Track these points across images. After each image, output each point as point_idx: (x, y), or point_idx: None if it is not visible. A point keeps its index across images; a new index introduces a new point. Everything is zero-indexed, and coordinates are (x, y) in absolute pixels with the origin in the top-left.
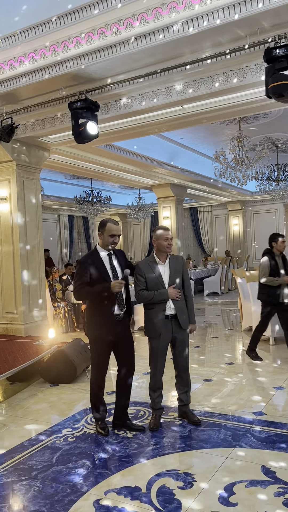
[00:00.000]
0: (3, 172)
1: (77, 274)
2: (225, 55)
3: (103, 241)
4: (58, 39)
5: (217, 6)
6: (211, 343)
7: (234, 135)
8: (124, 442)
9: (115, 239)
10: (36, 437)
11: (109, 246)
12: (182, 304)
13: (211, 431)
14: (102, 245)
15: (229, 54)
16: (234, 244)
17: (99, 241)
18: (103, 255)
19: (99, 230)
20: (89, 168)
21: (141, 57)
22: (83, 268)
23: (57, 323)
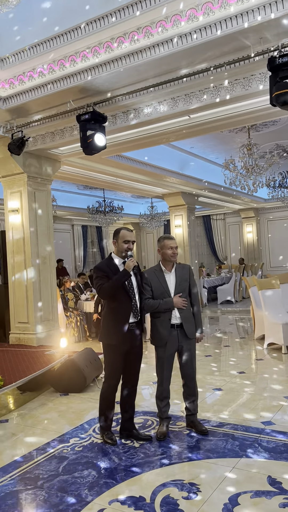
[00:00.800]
0: (14, 184)
1: (97, 277)
2: (230, 64)
3: (118, 248)
4: (66, 53)
5: (220, 17)
6: (223, 351)
7: (244, 143)
8: (130, 452)
9: (129, 245)
10: (44, 447)
11: (124, 252)
12: (188, 313)
13: (218, 441)
14: (117, 252)
15: (234, 63)
16: (248, 252)
17: (114, 249)
18: (118, 262)
19: (113, 238)
20: (100, 178)
21: (146, 69)
22: (101, 271)
23: (70, 332)
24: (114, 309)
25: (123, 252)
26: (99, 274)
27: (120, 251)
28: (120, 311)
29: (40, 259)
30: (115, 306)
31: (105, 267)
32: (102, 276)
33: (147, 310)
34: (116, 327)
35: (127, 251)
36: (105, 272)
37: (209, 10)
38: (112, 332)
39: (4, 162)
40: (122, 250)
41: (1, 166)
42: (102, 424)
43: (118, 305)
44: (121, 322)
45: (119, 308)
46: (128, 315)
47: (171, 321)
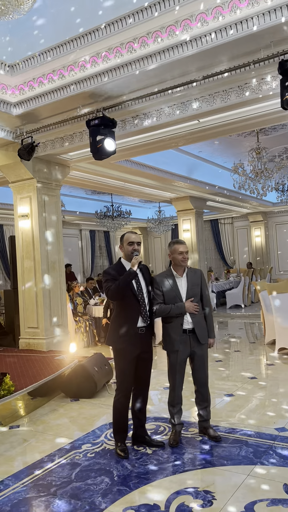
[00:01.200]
0: (24, 190)
1: (106, 280)
2: (240, 68)
3: (124, 252)
4: (75, 59)
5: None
6: (234, 356)
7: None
8: (143, 459)
9: (134, 246)
10: (56, 453)
11: (130, 255)
12: (200, 318)
13: (232, 447)
14: (125, 257)
15: (245, 67)
16: (257, 256)
17: (122, 254)
18: (126, 266)
19: (120, 244)
20: (109, 183)
21: (156, 74)
22: (109, 274)
23: (79, 337)
24: (122, 313)
25: (129, 254)
26: (107, 277)
27: (126, 254)
28: (128, 315)
29: (49, 264)
30: (124, 310)
31: (113, 270)
32: (110, 279)
33: (158, 315)
34: (124, 330)
35: (132, 252)
36: (113, 275)
37: (219, 14)
38: (120, 336)
39: (14, 167)
40: (128, 253)
41: (11, 172)
42: (116, 436)
43: (126, 308)
44: (129, 326)
45: (127, 311)
46: (136, 319)
47: (183, 326)
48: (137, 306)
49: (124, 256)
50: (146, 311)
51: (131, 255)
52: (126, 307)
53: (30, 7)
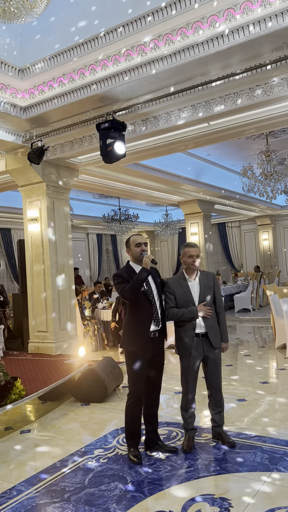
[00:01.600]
0: (33, 193)
1: (118, 283)
2: (251, 70)
3: (132, 255)
4: (86, 62)
5: (241, 24)
6: (244, 361)
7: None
8: (157, 464)
9: (142, 247)
10: (68, 458)
11: (139, 256)
12: (213, 322)
13: (246, 453)
14: (134, 260)
15: (256, 69)
16: (265, 259)
17: (130, 257)
18: (137, 270)
19: (126, 248)
20: (116, 186)
21: (166, 77)
22: (120, 277)
23: (87, 341)
24: (134, 316)
25: (138, 256)
26: (119, 279)
27: (135, 256)
28: (140, 318)
29: (58, 267)
30: (136, 313)
31: (124, 273)
32: (122, 280)
33: (170, 319)
34: (137, 333)
35: (141, 253)
36: (125, 277)
37: (230, 16)
38: (133, 338)
39: (24, 171)
40: (136, 254)
41: (21, 176)
42: (128, 441)
43: (138, 312)
44: (142, 329)
45: (140, 315)
46: (149, 323)
47: (196, 330)
48: (149, 309)
49: (132, 259)
50: (158, 314)
51: (141, 256)
52: (138, 310)
53: (43, 10)
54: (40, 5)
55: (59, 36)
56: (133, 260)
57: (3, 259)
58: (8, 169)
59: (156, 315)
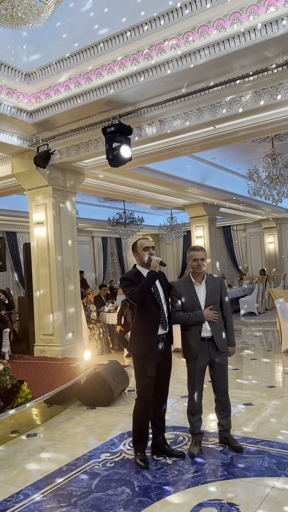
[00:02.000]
0: (39, 197)
1: (126, 286)
2: (257, 74)
3: (140, 259)
4: (92, 67)
5: (248, 27)
6: (250, 365)
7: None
8: (164, 469)
9: (149, 250)
10: (75, 462)
11: (147, 260)
12: (219, 326)
13: (254, 458)
14: (141, 264)
15: (262, 72)
16: (270, 263)
17: (137, 261)
18: (144, 273)
19: (133, 251)
20: (122, 190)
21: (172, 81)
22: (128, 280)
23: (93, 344)
24: (142, 320)
25: (146, 260)
26: (127, 282)
27: (142, 260)
28: (148, 322)
29: (64, 271)
30: (144, 317)
31: (131, 276)
32: (130, 283)
33: (176, 322)
34: (145, 337)
35: (149, 257)
36: (132, 280)
37: (237, 20)
38: (141, 342)
39: (30, 175)
40: (144, 258)
41: (27, 179)
42: (135, 445)
43: (146, 315)
44: (150, 333)
45: (147, 319)
46: (156, 326)
47: (202, 334)
48: (157, 313)
49: (139, 262)
50: (165, 317)
51: (148, 260)
52: (146, 313)
53: (50, 15)
54: (47, 10)
55: (65, 41)
56: (140, 263)
57: (9, 262)
58: (15, 173)
59: (164, 319)
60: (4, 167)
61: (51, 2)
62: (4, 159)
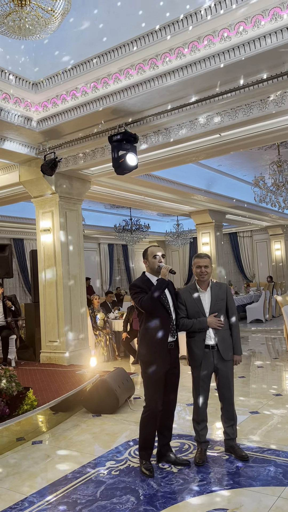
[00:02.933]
0: (46, 204)
1: (135, 293)
2: (262, 82)
3: (150, 266)
4: (98, 76)
5: (253, 36)
6: (257, 373)
7: (273, 160)
8: (169, 477)
9: (159, 258)
10: (80, 470)
11: (157, 267)
12: (224, 334)
13: (260, 467)
14: (150, 271)
15: (267, 81)
16: (277, 269)
17: (146, 268)
18: (153, 280)
19: (143, 259)
20: (128, 197)
21: (178, 89)
22: (137, 287)
23: (99, 351)
24: (152, 326)
25: (156, 267)
26: (136, 290)
27: (152, 267)
28: (158, 329)
29: (71, 277)
30: (153, 324)
31: (140, 283)
32: (140, 291)
33: (181, 329)
34: (154, 344)
35: (158, 265)
36: (141, 287)
37: (242, 30)
38: (151, 349)
39: (37, 183)
40: (154, 266)
41: (34, 187)
42: (142, 453)
43: (156, 322)
44: (160, 340)
45: (157, 325)
46: (166, 334)
47: (206, 342)
48: (167, 320)
49: (149, 270)
50: (174, 325)
51: (158, 268)
52: (156, 321)
53: (57, 27)
54: (54, 22)
55: (72, 51)
56: (149, 271)
57: (16, 269)
58: (22, 181)
59: (173, 326)
60: (11, 175)
61: (58, 13)
62: (11, 167)
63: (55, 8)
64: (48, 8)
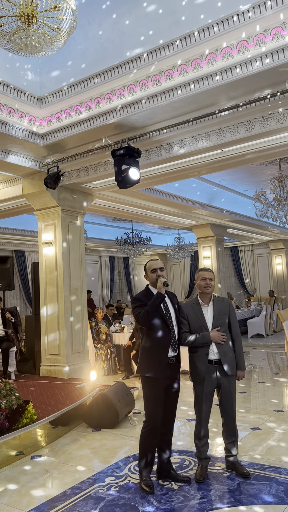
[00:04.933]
0: (49, 217)
1: (135, 307)
2: (264, 99)
3: (150, 280)
4: (102, 92)
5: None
6: (258, 388)
7: (274, 175)
8: (169, 494)
9: (157, 272)
10: (79, 485)
11: (155, 282)
12: (227, 349)
13: (261, 485)
14: (152, 284)
15: (268, 98)
16: (278, 284)
17: (148, 282)
18: (154, 292)
19: (145, 273)
20: (130, 211)
21: (181, 105)
22: (138, 301)
23: (99, 365)
24: (152, 342)
25: (154, 281)
26: (137, 303)
27: (151, 281)
28: (158, 344)
29: (72, 290)
30: (154, 338)
31: (142, 297)
32: (139, 305)
33: (184, 344)
34: (155, 359)
35: (157, 279)
36: (142, 301)
37: (244, 48)
38: (151, 364)
39: (40, 196)
40: (153, 280)
41: (37, 200)
42: (141, 469)
43: (156, 337)
44: (160, 354)
45: (158, 339)
46: (167, 348)
47: (209, 356)
48: (168, 335)
49: (151, 284)
50: (176, 340)
51: (156, 281)
52: (156, 335)
53: (63, 44)
54: (60, 39)
55: (77, 67)
56: (151, 284)
57: (17, 281)
58: (25, 193)
59: (174, 341)
60: (14, 188)
61: (64, 31)
62: (15, 180)
63: (61, 27)
64: (54, 26)
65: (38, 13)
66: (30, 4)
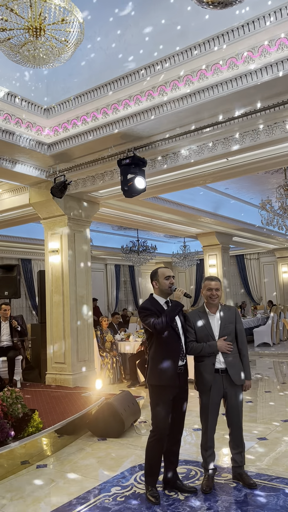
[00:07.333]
0: (55, 226)
1: (145, 316)
2: (270, 109)
3: (160, 288)
4: (108, 102)
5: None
6: (264, 398)
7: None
8: (175, 505)
9: (171, 280)
10: (85, 495)
11: (168, 289)
12: (234, 358)
13: (268, 496)
14: (159, 293)
15: (274, 108)
16: (285, 292)
17: (155, 290)
18: (162, 302)
19: (152, 280)
20: (135, 219)
21: (186, 115)
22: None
23: (104, 373)
24: (161, 351)
25: (167, 289)
26: (147, 312)
27: (162, 289)
28: (168, 353)
29: (78, 298)
30: (163, 348)
31: (150, 306)
32: (150, 313)
33: (191, 353)
34: (165, 368)
35: (170, 286)
36: (151, 310)
37: (249, 59)
38: (160, 373)
39: (46, 204)
40: (165, 287)
41: (43, 209)
42: (148, 479)
43: (166, 346)
44: (170, 364)
45: (168, 349)
46: (176, 358)
47: (215, 366)
48: (177, 344)
49: (158, 291)
50: (183, 348)
51: (169, 289)
52: (166, 345)
53: (70, 56)
54: (67, 51)
55: (83, 78)
56: (158, 292)
57: (23, 289)
58: (32, 202)
59: (182, 350)
60: (21, 197)
61: (71, 43)
62: (21, 189)
63: (69, 39)
64: (62, 38)
65: (46, 26)
66: (38, 17)
